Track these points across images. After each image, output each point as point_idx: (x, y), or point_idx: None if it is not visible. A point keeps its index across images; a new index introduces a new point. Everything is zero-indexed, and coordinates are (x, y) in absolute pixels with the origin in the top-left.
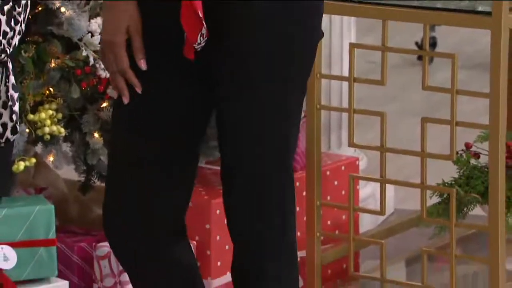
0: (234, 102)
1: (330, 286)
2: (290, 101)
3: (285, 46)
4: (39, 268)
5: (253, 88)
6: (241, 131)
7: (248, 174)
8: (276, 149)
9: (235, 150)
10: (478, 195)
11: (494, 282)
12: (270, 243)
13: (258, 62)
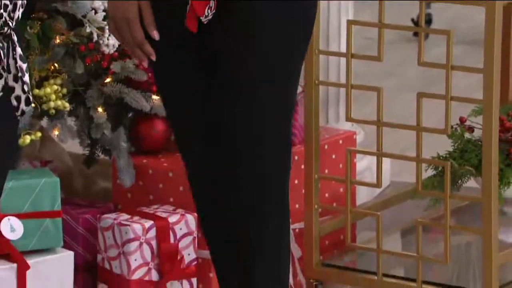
0: (234, 102)
1: (328, 256)
2: (290, 100)
3: (285, 46)
4: (45, 238)
5: (253, 89)
6: (241, 131)
7: (248, 174)
8: (276, 149)
9: (234, 148)
10: (472, 168)
11: (487, 252)
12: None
13: (258, 62)
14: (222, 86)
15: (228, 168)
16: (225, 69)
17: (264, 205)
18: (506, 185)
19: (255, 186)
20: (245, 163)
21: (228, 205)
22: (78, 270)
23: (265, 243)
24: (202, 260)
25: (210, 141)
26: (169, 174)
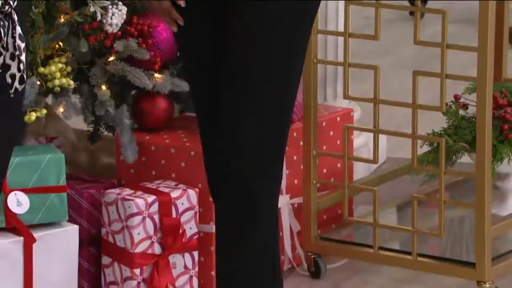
0: (234, 101)
1: (326, 230)
2: (290, 100)
3: (290, 46)
4: (51, 213)
5: (254, 89)
6: (240, 127)
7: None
8: (276, 142)
9: (234, 144)
10: (466, 144)
11: (480, 226)
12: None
13: (260, 61)
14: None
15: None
16: (228, 63)
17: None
18: (499, 160)
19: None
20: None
21: (228, 172)
22: (83, 243)
23: (263, 214)
24: (203, 234)
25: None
26: (171, 150)
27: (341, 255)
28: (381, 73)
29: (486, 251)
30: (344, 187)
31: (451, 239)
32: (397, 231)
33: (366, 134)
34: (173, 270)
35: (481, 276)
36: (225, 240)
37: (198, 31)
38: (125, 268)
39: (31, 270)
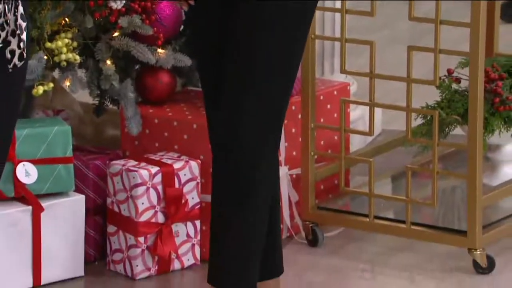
0: (237, 75)
1: (323, 200)
2: (290, 76)
3: (290, 45)
4: (58, 183)
5: (257, 64)
6: (242, 100)
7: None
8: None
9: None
10: (459, 117)
11: (471, 195)
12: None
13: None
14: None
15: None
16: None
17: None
18: (490, 132)
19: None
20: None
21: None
22: (89, 212)
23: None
24: (205, 203)
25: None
26: (174, 123)
27: (337, 224)
28: (377, 48)
29: (477, 219)
30: (341, 159)
31: (444, 208)
32: (391, 200)
33: (362, 107)
34: (176, 238)
35: (472, 243)
36: (224, 205)
37: (207, 10)
38: (129, 236)
39: (39, 238)
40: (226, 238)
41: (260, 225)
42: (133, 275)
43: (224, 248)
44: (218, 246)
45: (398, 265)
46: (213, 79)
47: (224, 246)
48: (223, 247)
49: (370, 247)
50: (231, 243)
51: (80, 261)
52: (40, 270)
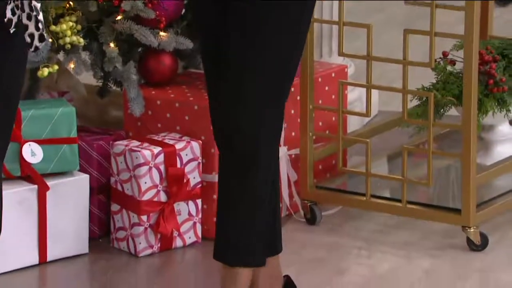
0: (240, 58)
1: (321, 179)
2: (293, 59)
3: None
4: (63, 163)
5: (260, 46)
6: (245, 80)
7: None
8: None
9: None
10: (454, 98)
11: (466, 174)
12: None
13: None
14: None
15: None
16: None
17: (270, 109)
18: (484, 113)
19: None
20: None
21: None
22: (93, 191)
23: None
24: (206, 183)
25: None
26: (176, 104)
27: (335, 202)
28: (374, 31)
29: (471, 198)
30: (339, 139)
31: (439, 187)
32: (388, 180)
33: (359, 89)
34: (178, 217)
35: (466, 221)
36: (228, 183)
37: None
38: (133, 214)
39: (45, 216)
40: (232, 213)
41: (265, 200)
42: (136, 252)
43: (231, 224)
44: (224, 222)
45: (394, 242)
46: (216, 57)
47: (231, 221)
48: (230, 223)
49: (366, 225)
50: (239, 217)
51: (85, 239)
52: (46, 247)
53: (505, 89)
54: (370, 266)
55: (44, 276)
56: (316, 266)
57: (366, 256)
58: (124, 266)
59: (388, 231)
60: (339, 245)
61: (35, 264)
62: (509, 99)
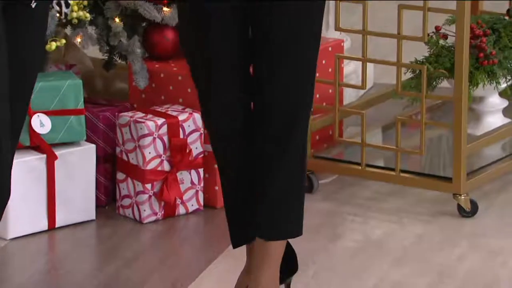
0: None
1: (319, 149)
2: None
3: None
4: (70, 133)
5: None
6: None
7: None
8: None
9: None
10: (445, 71)
11: (457, 144)
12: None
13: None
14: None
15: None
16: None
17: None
18: (475, 85)
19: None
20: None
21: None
22: (99, 160)
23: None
24: (208, 153)
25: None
26: (179, 77)
27: (332, 171)
28: (369, 7)
29: (461, 167)
30: (335, 111)
31: (431, 156)
32: (382, 149)
33: (355, 62)
34: (180, 185)
35: (457, 189)
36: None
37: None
38: (137, 183)
39: (53, 184)
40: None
41: (297, 177)
42: (141, 219)
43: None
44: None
45: (387, 209)
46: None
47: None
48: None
49: (362, 192)
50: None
51: (92, 206)
52: (54, 214)
53: (495, 62)
54: (365, 232)
55: (53, 241)
56: (313, 232)
57: (361, 222)
58: (129, 232)
59: (382, 199)
60: (335, 212)
61: (45, 230)
62: (499, 72)
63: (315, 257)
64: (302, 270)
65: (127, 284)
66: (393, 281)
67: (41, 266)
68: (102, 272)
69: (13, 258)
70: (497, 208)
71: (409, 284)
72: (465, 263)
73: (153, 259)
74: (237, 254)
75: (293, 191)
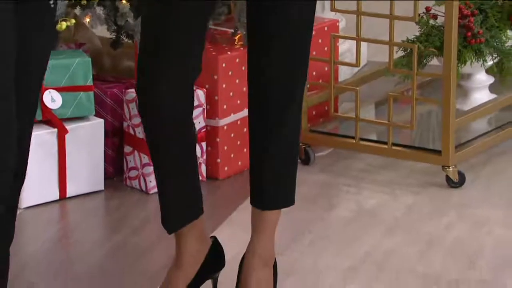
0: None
1: (315, 124)
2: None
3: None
4: (80, 108)
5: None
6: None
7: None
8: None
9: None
10: (435, 49)
11: (445, 119)
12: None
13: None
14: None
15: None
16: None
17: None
18: (463, 63)
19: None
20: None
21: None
22: (108, 134)
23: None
24: (210, 127)
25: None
26: None
27: (327, 145)
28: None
29: (450, 140)
30: (331, 87)
31: (421, 130)
32: (375, 124)
33: (349, 41)
34: None
35: (445, 161)
36: (259, 135)
37: None
38: (144, 155)
39: (64, 156)
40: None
41: (291, 152)
42: (147, 190)
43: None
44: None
45: (380, 180)
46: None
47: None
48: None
49: (356, 165)
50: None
51: (100, 177)
52: (65, 185)
53: (482, 41)
54: (358, 202)
55: (63, 211)
56: (309, 202)
57: (355, 193)
58: (136, 202)
59: (375, 171)
60: (331, 183)
61: (56, 199)
62: (486, 50)
63: (311, 227)
64: (299, 239)
65: (134, 251)
66: (385, 249)
67: (53, 234)
68: (110, 240)
69: (26, 226)
70: (483, 179)
71: (400, 252)
72: (452, 232)
73: (158, 228)
74: (239, 222)
75: (288, 163)
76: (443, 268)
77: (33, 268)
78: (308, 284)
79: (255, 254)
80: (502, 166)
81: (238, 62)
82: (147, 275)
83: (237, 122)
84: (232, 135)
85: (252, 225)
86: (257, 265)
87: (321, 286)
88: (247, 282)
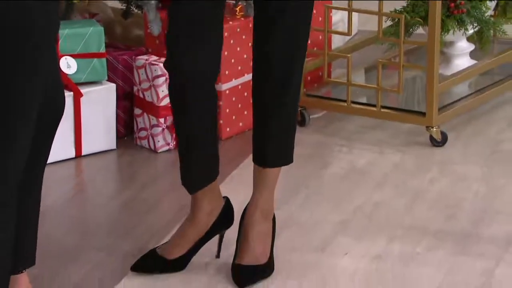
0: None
1: (310, 88)
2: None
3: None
4: (94, 74)
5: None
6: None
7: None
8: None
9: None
10: (421, 19)
11: (430, 83)
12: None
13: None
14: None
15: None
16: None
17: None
18: (446, 32)
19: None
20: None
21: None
22: (119, 98)
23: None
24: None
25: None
26: None
27: (321, 108)
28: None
29: (434, 103)
30: (324, 55)
31: (407, 94)
32: (365, 88)
33: (341, 12)
34: None
35: (429, 122)
36: (264, 109)
37: None
38: (152, 117)
39: (79, 118)
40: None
41: (292, 120)
42: (155, 149)
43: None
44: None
45: (370, 140)
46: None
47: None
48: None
49: (347, 126)
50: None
51: (113, 137)
52: (81, 144)
53: (464, 11)
54: (350, 161)
55: (79, 167)
56: (305, 161)
57: (347, 152)
58: (146, 160)
59: (365, 131)
60: (324, 143)
61: (72, 157)
62: (467, 20)
63: (307, 182)
64: (296, 193)
65: (144, 204)
66: (375, 202)
67: (69, 189)
68: (122, 194)
69: (45, 182)
70: (464, 139)
71: (388, 205)
72: (435, 186)
73: (166, 184)
74: (241, 178)
75: (289, 125)
76: (427, 219)
77: (51, 219)
78: (304, 236)
79: (257, 209)
80: (481, 127)
81: (239, 32)
82: (155, 228)
83: (238, 87)
84: (234, 99)
85: (254, 182)
86: (258, 219)
87: (316, 238)
88: (248, 234)
